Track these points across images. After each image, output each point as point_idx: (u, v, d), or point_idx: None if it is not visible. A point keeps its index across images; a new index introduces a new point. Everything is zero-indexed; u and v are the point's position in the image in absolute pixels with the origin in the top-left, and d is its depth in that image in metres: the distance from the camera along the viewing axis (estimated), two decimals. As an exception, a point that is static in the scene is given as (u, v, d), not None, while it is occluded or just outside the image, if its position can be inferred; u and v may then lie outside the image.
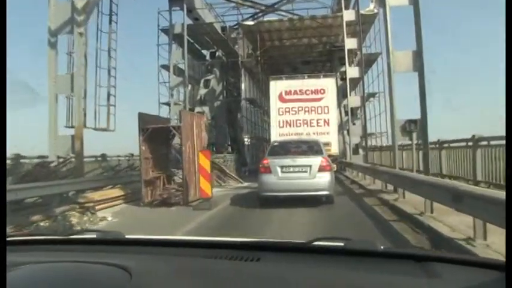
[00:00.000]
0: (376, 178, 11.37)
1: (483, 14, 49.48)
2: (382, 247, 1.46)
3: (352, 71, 22.64)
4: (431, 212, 6.88)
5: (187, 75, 22.67)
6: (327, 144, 16.05)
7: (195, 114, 12.96)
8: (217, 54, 27.84)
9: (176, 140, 12.41)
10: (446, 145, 12.25)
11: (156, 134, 11.52)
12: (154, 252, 1.64)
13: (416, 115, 10.75)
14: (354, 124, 23.53)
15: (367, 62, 23.60)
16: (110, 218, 9.10)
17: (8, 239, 1.59)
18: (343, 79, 24.61)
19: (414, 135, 10.37)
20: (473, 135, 10.03)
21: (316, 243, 1.51)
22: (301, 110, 19.02)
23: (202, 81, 26.98)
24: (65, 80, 12.27)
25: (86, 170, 13.64)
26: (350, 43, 22.36)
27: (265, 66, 31.08)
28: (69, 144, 12.08)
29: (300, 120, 19.01)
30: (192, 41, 26.08)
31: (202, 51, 28.60)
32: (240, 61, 26.22)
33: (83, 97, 14.47)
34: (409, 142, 11.05)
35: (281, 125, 19.12)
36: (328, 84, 19.54)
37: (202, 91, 26.85)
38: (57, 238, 1.96)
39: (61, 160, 12.20)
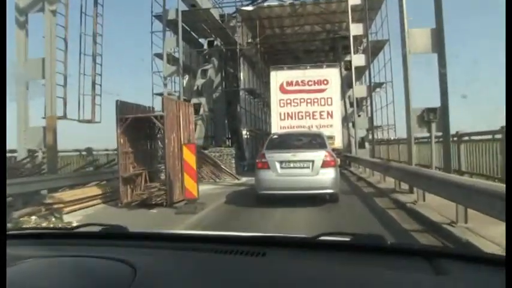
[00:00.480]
0: (388, 176, 9.95)
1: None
2: (389, 242, 1.42)
3: (358, 59, 21.18)
4: (466, 222, 5.48)
5: (181, 64, 21.29)
6: (331, 137, 15.25)
7: (182, 102, 11.51)
8: (215, 43, 26.37)
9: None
10: (466, 138, 10.85)
11: (138, 125, 10.16)
12: (158, 247, 1.61)
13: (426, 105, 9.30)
14: (359, 116, 22.17)
15: (373, 51, 22.09)
16: (75, 224, 7.72)
17: (10, 232, 1.62)
18: (348, 69, 23.37)
19: (433, 126, 8.92)
20: (503, 126, 8.63)
21: (322, 238, 1.48)
22: (303, 101, 18.19)
23: (199, 71, 25.55)
24: (36, 64, 10.87)
25: (64, 165, 12.33)
26: (355, 29, 20.87)
27: (265, 56, 29.64)
28: (41, 136, 10.71)
29: (302, 112, 18.20)
30: (188, 29, 24.76)
31: (200, 40, 27.18)
32: (239, 49, 24.64)
33: (63, 85, 13.24)
34: (426, 134, 9.62)
35: (282, 117, 18.31)
36: (332, 74, 18.66)
37: (199, 81, 25.44)
38: (60, 232, 1.96)
39: (33, 154, 10.83)
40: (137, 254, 1.43)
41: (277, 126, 17.98)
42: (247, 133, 26.33)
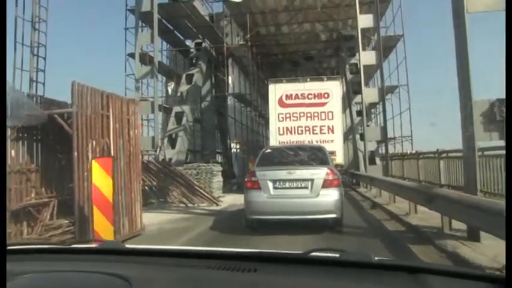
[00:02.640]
0: (430, 208, 6.36)
1: None
2: (376, 258, 1.44)
3: (367, 57, 17.87)
4: None
5: (157, 63, 17.91)
6: (332, 153, 13.30)
7: (118, 96, 7.70)
8: (203, 45, 23.08)
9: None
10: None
11: (51, 130, 6.71)
12: (153, 262, 1.63)
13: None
14: (368, 126, 18.80)
15: (383, 50, 18.78)
16: None
17: (8, 247, 1.61)
18: (353, 73, 20.15)
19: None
20: None
21: (312, 254, 1.51)
22: (303, 115, 17.35)
23: (183, 76, 22.20)
24: None
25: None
26: (364, 21, 17.57)
27: (258, 58, 26.28)
28: None
29: (301, 127, 17.35)
30: (171, 27, 21.53)
31: (187, 43, 23.94)
32: (226, 47, 21.32)
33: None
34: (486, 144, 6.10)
35: (281, 132, 17.34)
36: (332, 87, 17.47)
37: (183, 87, 22.01)
38: (58, 247, 1.98)
39: None
40: (132, 269, 1.45)
41: (276, 141, 16.93)
42: (237, 147, 22.93)
